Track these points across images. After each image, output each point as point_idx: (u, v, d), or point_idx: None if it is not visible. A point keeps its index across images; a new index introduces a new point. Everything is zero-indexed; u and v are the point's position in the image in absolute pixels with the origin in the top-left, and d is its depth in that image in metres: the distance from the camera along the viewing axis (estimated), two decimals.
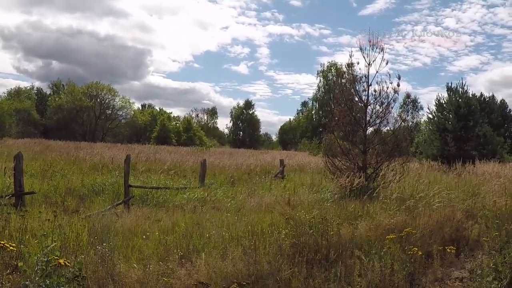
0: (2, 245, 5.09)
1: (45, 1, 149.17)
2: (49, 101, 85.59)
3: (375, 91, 15.68)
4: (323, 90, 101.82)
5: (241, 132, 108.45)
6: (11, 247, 5.13)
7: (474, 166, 23.43)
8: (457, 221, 9.74)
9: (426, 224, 9.21)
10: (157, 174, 20.01)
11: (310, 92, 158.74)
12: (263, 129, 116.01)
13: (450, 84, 35.31)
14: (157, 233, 8.53)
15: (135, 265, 6.65)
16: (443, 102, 34.98)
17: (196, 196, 14.77)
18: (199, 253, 7.25)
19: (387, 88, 15.43)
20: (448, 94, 35.00)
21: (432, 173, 21.67)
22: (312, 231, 7.85)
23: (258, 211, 11.72)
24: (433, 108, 35.94)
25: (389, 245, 7.44)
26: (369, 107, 15.84)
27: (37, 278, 4.94)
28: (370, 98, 15.81)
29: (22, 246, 6.49)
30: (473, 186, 15.53)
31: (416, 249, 7.23)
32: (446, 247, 7.79)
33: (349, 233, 8.36)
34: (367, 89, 15.83)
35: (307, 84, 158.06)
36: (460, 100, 33.78)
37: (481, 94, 56.71)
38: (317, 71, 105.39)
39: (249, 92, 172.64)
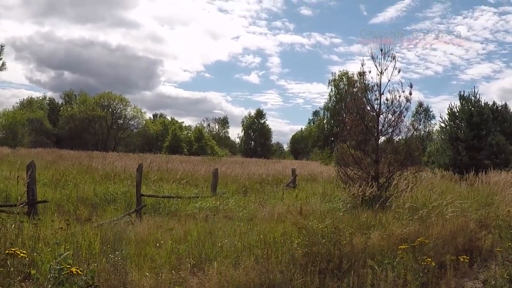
0: (13, 252, 5.12)
1: (57, 13, 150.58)
2: (61, 111, 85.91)
3: (387, 99, 15.60)
4: (334, 99, 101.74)
5: (252, 142, 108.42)
6: (22, 254, 5.15)
7: (487, 176, 23.25)
8: (470, 231, 9.67)
9: (439, 234, 9.15)
10: (169, 183, 20.09)
11: (321, 101, 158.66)
12: (274, 139, 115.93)
13: (462, 93, 35.13)
14: (169, 242, 8.53)
15: (147, 273, 6.67)
16: (456, 111, 34.77)
17: (208, 205, 14.78)
18: (211, 262, 7.26)
19: (399, 96, 15.36)
20: (460, 102, 34.75)
21: (445, 182, 21.54)
22: (324, 240, 7.83)
23: (270, 221, 11.71)
24: (446, 117, 35.73)
25: (402, 255, 7.41)
26: (381, 116, 15.77)
27: (49, 286, 4.96)
28: (382, 107, 15.74)
29: (35, 254, 6.52)
30: (486, 196, 15.43)
31: (430, 259, 7.19)
32: (460, 257, 7.74)
33: (362, 242, 8.34)
34: (379, 97, 15.75)
35: (318, 93, 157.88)
36: (472, 108, 33.54)
37: (494, 103, 56.14)
38: (328, 80, 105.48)
39: (260, 101, 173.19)
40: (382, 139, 16.21)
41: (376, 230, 9.56)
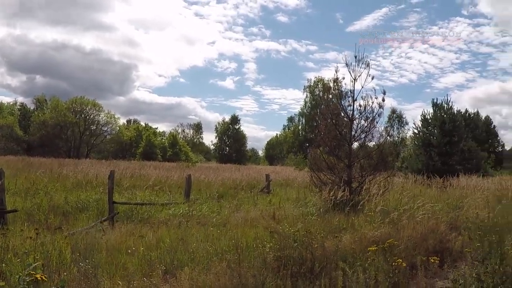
0: None
1: (30, 15, 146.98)
2: (32, 117, 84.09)
3: (360, 106, 15.75)
4: (309, 105, 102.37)
5: (227, 148, 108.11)
6: None
7: (458, 180, 23.60)
8: (441, 233, 9.81)
9: (410, 236, 9.26)
10: (142, 190, 19.97)
11: (296, 108, 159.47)
12: (249, 144, 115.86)
13: (435, 100, 35.71)
14: (141, 249, 8.49)
15: (119, 281, 6.62)
16: (429, 117, 35.36)
17: (181, 211, 14.71)
18: (183, 268, 7.25)
19: (372, 103, 15.55)
20: (433, 109, 35.43)
21: (417, 186, 21.80)
22: (296, 244, 7.84)
23: (243, 226, 11.74)
24: (419, 123, 36.34)
25: (373, 256, 7.47)
26: (354, 122, 15.92)
27: None
28: (355, 113, 15.89)
29: (3, 265, 6.41)
30: (457, 199, 15.67)
31: (400, 260, 7.26)
32: (430, 258, 7.83)
33: (334, 245, 8.38)
34: (352, 104, 15.90)
35: (293, 100, 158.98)
36: (445, 115, 34.18)
37: (466, 110, 57.31)
38: (304, 87, 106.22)
39: (236, 107, 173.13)
40: (355, 144, 16.36)
41: (348, 233, 9.64)
